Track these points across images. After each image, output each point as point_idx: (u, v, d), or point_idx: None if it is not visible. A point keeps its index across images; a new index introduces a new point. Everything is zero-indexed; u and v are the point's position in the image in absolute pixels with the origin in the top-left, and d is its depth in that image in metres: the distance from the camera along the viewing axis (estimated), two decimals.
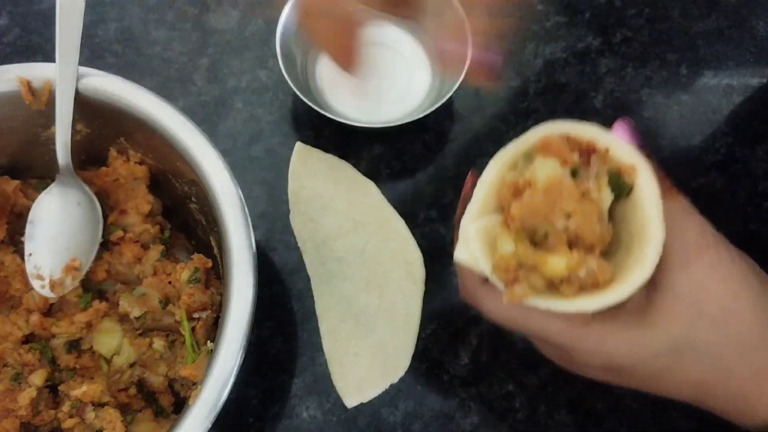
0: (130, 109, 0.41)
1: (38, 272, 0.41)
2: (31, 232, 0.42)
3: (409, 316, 0.47)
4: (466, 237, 0.29)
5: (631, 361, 0.29)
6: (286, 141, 0.53)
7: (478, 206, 0.30)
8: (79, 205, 0.43)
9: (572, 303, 0.28)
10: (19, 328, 0.42)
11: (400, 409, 0.45)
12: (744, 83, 0.55)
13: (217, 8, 0.57)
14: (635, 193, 0.28)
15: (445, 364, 0.46)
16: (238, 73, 0.55)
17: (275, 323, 0.47)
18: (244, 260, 0.37)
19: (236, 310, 0.36)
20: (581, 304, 0.27)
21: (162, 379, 0.43)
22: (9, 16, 0.57)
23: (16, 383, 0.40)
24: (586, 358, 0.30)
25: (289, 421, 0.45)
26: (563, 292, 0.28)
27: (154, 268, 0.43)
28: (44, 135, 0.44)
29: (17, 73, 0.41)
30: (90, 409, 0.40)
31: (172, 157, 0.41)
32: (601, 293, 0.27)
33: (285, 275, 0.49)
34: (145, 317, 0.43)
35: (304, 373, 0.46)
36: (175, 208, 0.47)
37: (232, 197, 0.38)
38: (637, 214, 0.28)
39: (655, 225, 0.27)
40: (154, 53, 0.56)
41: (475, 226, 0.29)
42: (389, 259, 0.48)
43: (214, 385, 0.34)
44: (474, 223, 0.29)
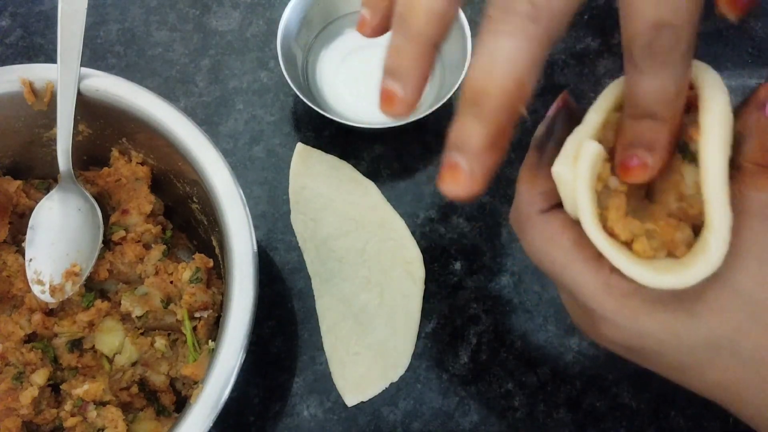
0: (132, 109, 0.41)
1: (38, 277, 0.42)
2: (32, 238, 0.42)
3: (408, 315, 0.47)
4: (575, 154, 0.26)
5: (662, 347, 0.27)
6: (286, 141, 0.53)
7: (591, 130, 0.27)
8: (79, 211, 0.43)
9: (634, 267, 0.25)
10: (21, 328, 0.42)
11: (400, 408, 0.45)
12: (742, 84, 0.55)
13: (219, 9, 0.58)
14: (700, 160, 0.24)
15: (444, 362, 0.46)
16: (239, 74, 0.55)
17: (276, 322, 0.48)
18: (246, 260, 0.37)
19: (237, 309, 0.36)
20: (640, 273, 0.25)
21: (163, 378, 0.43)
22: (11, 17, 0.57)
23: (18, 382, 0.41)
24: (613, 331, 0.27)
25: (290, 419, 0.45)
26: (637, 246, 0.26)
27: (155, 268, 0.43)
28: (46, 135, 0.44)
29: (19, 74, 0.41)
30: (92, 408, 0.40)
31: (173, 158, 0.41)
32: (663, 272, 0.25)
33: (286, 275, 0.49)
34: (146, 316, 0.43)
35: (305, 372, 0.46)
36: (176, 209, 0.47)
37: (233, 197, 0.38)
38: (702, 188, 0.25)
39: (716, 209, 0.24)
40: (155, 54, 0.56)
41: (593, 145, 0.26)
42: (389, 258, 0.49)
43: (216, 384, 0.34)
44: (590, 142, 0.26)
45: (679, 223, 0.26)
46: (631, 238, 0.26)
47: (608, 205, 0.27)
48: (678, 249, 0.26)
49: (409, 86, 0.25)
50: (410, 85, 0.25)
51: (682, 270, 0.25)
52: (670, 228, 0.26)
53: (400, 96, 0.25)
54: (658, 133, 0.25)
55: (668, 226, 0.26)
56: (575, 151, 0.26)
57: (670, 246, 0.26)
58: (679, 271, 0.25)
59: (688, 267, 0.25)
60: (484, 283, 0.49)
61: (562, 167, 0.26)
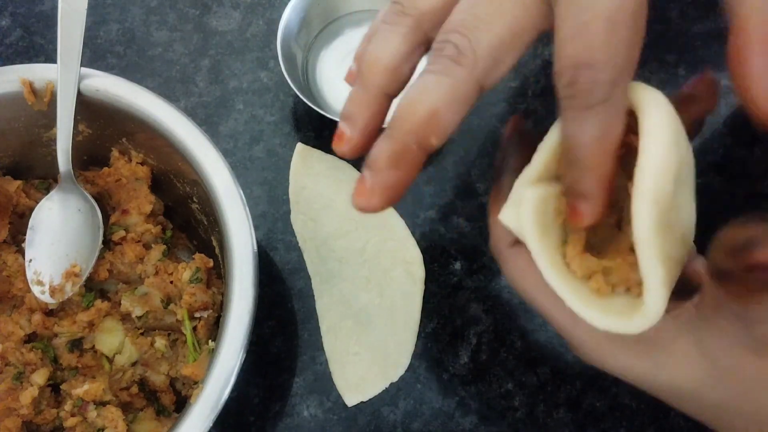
0: (132, 109, 0.41)
1: (38, 278, 0.42)
2: (32, 238, 0.42)
3: (408, 315, 0.47)
4: (519, 200, 0.26)
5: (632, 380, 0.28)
6: (287, 141, 0.53)
7: (536, 171, 0.27)
8: (79, 212, 0.43)
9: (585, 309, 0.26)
10: (21, 328, 0.42)
11: (400, 408, 0.45)
12: None
13: (219, 9, 0.58)
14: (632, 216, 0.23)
15: (444, 362, 0.46)
16: (240, 74, 0.55)
17: (276, 322, 0.48)
18: (246, 260, 0.37)
19: (237, 309, 0.36)
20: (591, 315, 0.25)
21: (164, 378, 0.43)
22: (11, 17, 0.57)
23: (18, 382, 0.41)
24: (586, 358, 0.29)
25: (290, 419, 0.45)
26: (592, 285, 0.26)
27: (155, 268, 0.43)
28: (46, 135, 0.44)
29: (19, 74, 0.41)
30: (92, 408, 0.40)
31: (173, 158, 0.41)
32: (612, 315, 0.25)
33: (286, 275, 0.49)
34: (146, 316, 0.43)
35: (305, 372, 0.46)
36: (176, 208, 0.47)
37: (233, 197, 0.38)
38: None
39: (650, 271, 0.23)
40: (155, 54, 0.56)
41: (532, 192, 0.26)
42: (389, 258, 0.49)
43: (216, 384, 0.34)
44: (531, 189, 0.26)
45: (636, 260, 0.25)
46: (589, 275, 0.26)
47: (569, 238, 0.27)
48: (634, 288, 0.26)
49: (357, 129, 0.27)
50: (358, 128, 0.27)
51: (629, 317, 0.25)
52: (625, 266, 0.26)
53: (347, 135, 0.27)
54: (586, 183, 0.24)
55: (624, 264, 0.26)
56: (518, 198, 0.27)
57: (626, 283, 0.26)
58: (627, 317, 0.25)
59: (631, 316, 0.25)
60: (484, 283, 0.49)
61: (506, 216, 0.27)
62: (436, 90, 0.24)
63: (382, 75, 0.27)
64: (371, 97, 0.27)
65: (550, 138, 0.27)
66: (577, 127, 0.23)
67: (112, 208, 0.46)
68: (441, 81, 0.24)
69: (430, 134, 0.25)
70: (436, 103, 0.24)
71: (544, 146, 0.27)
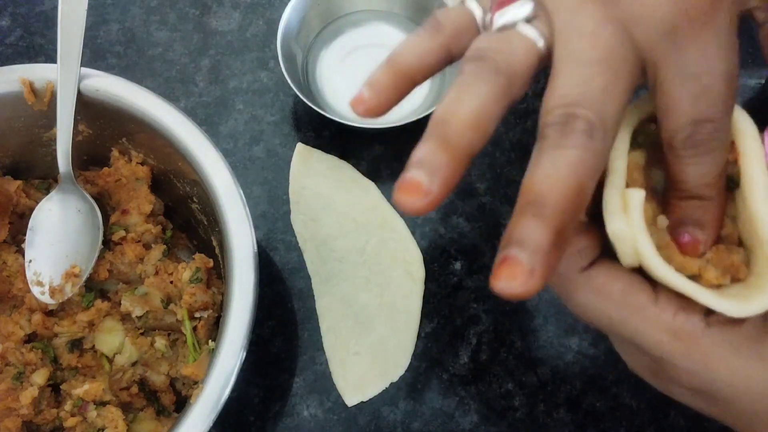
0: (132, 109, 0.41)
1: (38, 279, 0.42)
2: (32, 239, 0.42)
3: (408, 315, 0.47)
4: (627, 205, 0.26)
5: (733, 391, 0.25)
6: (287, 141, 0.53)
7: (623, 177, 0.26)
8: (79, 213, 0.43)
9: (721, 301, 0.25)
10: (21, 328, 0.42)
11: (400, 408, 0.45)
12: (742, 84, 0.55)
13: (219, 10, 0.58)
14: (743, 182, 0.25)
15: (444, 362, 0.46)
16: (239, 74, 0.55)
17: (276, 322, 0.48)
18: (246, 260, 0.37)
19: (237, 309, 0.36)
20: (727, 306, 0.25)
21: (164, 378, 0.43)
22: (11, 17, 0.57)
23: (18, 382, 0.41)
24: (682, 376, 0.26)
25: (290, 419, 0.45)
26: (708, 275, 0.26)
27: (155, 268, 0.43)
28: (46, 135, 0.44)
29: (19, 74, 0.41)
30: (92, 408, 0.40)
31: (173, 158, 0.41)
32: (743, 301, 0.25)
33: (286, 275, 0.49)
34: (146, 316, 0.43)
35: (305, 372, 0.46)
36: (176, 208, 0.47)
37: (233, 197, 0.38)
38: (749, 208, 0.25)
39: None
40: (155, 54, 0.56)
41: (638, 194, 0.25)
42: (389, 258, 0.49)
43: (216, 384, 0.34)
44: (634, 192, 0.26)
45: (728, 246, 0.26)
46: (697, 272, 0.26)
47: (660, 244, 0.26)
48: (739, 271, 0.26)
49: (437, 185, 0.23)
50: (438, 184, 0.23)
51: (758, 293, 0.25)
52: (723, 253, 0.26)
53: (425, 189, 0.23)
54: (706, 212, 0.26)
55: (721, 251, 0.26)
56: (621, 204, 0.26)
57: (731, 270, 0.26)
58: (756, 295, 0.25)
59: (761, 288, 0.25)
60: (484, 283, 0.49)
61: (617, 224, 0.26)
62: (580, 166, 0.23)
63: (473, 132, 0.24)
64: (459, 153, 0.24)
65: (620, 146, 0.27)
66: (699, 169, 0.25)
67: (112, 208, 0.46)
68: (582, 156, 0.23)
69: (580, 211, 0.23)
70: (583, 178, 0.23)
71: (619, 153, 0.27)
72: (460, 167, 0.24)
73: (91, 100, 0.41)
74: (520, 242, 0.23)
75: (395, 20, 0.55)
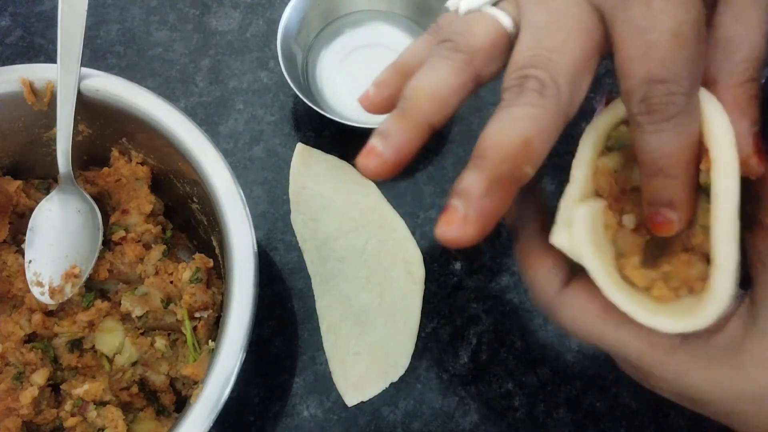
0: (132, 109, 0.41)
1: (38, 279, 0.42)
2: (31, 239, 0.42)
3: (408, 315, 0.47)
4: (569, 221, 0.27)
5: (710, 397, 0.27)
6: (287, 141, 0.53)
7: (581, 188, 0.27)
8: (79, 213, 0.43)
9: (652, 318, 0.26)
10: (21, 328, 0.42)
11: (400, 408, 0.45)
12: None
13: (219, 9, 0.58)
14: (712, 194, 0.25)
15: (444, 362, 0.46)
16: (240, 74, 0.55)
17: (276, 322, 0.48)
18: (246, 260, 0.37)
19: (237, 309, 0.36)
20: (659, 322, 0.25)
21: (163, 378, 0.43)
22: (11, 17, 0.57)
23: (18, 382, 0.41)
24: (661, 384, 0.28)
25: (289, 419, 0.45)
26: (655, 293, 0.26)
27: (155, 268, 0.43)
28: (46, 135, 0.44)
29: (19, 73, 0.41)
30: (92, 408, 0.40)
31: (173, 158, 0.41)
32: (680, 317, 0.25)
33: (286, 275, 0.49)
34: (146, 316, 0.43)
35: (305, 372, 0.46)
36: (176, 208, 0.47)
37: (233, 197, 0.38)
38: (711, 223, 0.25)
39: (723, 245, 0.24)
40: (155, 54, 0.56)
41: (584, 209, 0.26)
42: (389, 258, 0.49)
43: (216, 384, 0.34)
44: (581, 206, 0.26)
45: (691, 258, 0.26)
46: (649, 285, 0.26)
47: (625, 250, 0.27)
48: (695, 284, 0.26)
49: (391, 147, 0.26)
50: (392, 146, 0.26)
51: (697, 310, 0.25)
52: (683, 266, 0.26)
53: (379, 150, 0.26)
54: (673, 190, 0.25)
55: (680, 263, 0.26)
56: (568, 219, 0.26)
57: (687, 283, 0.26)
58: (695, 312, 0.25)
59: (702, 306, 0.25)
60: (484, 283, 0.49)
61: (559, 238, 0.27)
62: (527, 120, 0.24)
63: (430, 103, 0.26)
64: (414, 122, 0.26)
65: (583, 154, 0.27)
66: (659, 140, 0.24)
67: (112, 208, 0.46)
68: (530, 112, 0.24)
69: (524, 163, 0.24)
70: (529, 132, 0.24)
71: (581, 162, 0.27)
72: (416, 135, 0.26)
73: (91, 100, 0.41)
74: (458, 192, 0.25)
75: (395, 20, 0.55)
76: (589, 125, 0.28)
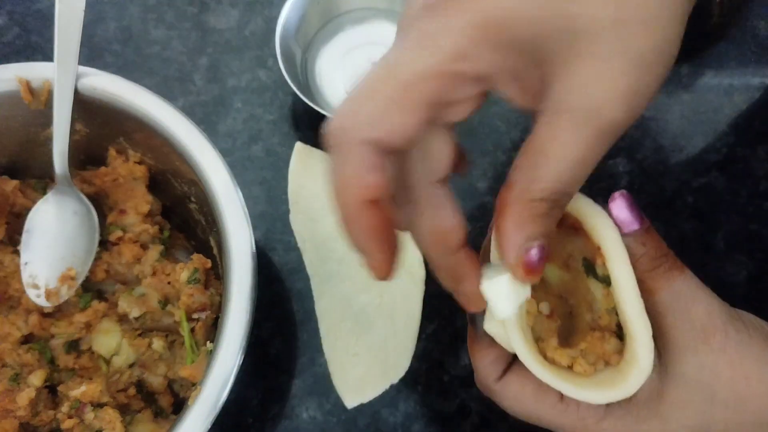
0: (130, 108, 0.41)
1: (34, 281, 0.41)
2: (27, 241, 0.42)
3: (409, 316, 0.47)
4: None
5: None
6: (285, 141, 0.53)
7: None
8: (75, 215, 0.43)
9: (582, 392, 0.28)
10: (18, 329, 0.42)
11: (400, 410, 0.45)
12: (745, 83, 0.55)
13: (217, 7, 0.57)
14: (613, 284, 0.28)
15: (445, 364, 0.46)
16: (238, 73, 0.55)
17: (275, 323, 0.47)
18: (244, 260, 0.37)
19: (236, 310, 0.36)
20: (589, 395, 0.28)
21: (161, 380, 0.43)
22: (8, 15, 0.57)
23: (15, 384, 0.40)
24: None
25: (288, 421, 0.45)
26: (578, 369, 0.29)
27: (153, 269, 0.43)
28: (43, 135, 0.44)
29: (16, 72, 0.41)
30: (89, 410, 0.40)
31: (171, 157, 0.41)
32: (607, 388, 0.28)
33: (285, 275, 0.49)
34: (144, 317, 0.43)
35: (304, 374, 0.46)
36: (174, 208, 0.47)
37: (231, 197, 0.38)
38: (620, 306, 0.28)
39: (638, 324, 0.27)
40: (153, 52, 0.56)
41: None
42: None
43: (214, 386, 0.34)
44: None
45: (603, 335, 0.29)
46: (571, 362, 0.29)
47: (543, 335, 0.30)
48: (611, 358, 0.29)
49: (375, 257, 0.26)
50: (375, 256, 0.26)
51: (621, 381, 0.28)
52: (597, 342, 0.29)
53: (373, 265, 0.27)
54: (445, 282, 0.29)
55: (594, 340, 0.29)
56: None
57: (603, 357, 0.29)
58: (619, 383, 0.28)
59: (625, 378, 0.28)
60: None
61: (492, 327, 0.30)
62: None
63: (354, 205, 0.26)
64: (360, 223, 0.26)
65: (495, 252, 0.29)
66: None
67: (110, 207, 0.46)
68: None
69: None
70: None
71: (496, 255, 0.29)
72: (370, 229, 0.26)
73: (88, 98, 0.41)
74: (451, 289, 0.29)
75: (395, 18, 0.55)
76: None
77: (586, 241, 0.29)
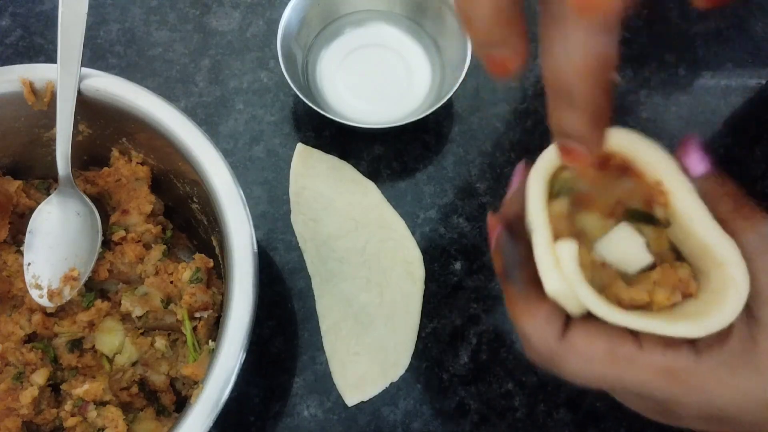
0: (132, 109, 0.41)
1: (37, 282, 0.41)
2: (30, 242, 0.42)
3: (409, 315, 0.47)
4: (554, 263, 0.26)
5: (737, 408, 0.25)
6: (287, 141, 0.53)
7: (548, 234, 0.26)
8: (78, 215, 0.43)
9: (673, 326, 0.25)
10: (22, 328, 0.42)
11: (400, 408, 0.45)
12: (742, 84, 0.55)
13: (219, 10, 0.58)
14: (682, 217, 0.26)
15: (444, 362, 0.46)
16: (240, 74, 0.55)
17: (276, 322, 0.48)
18: (246, 260, 0.37)
19: (237, 309, 0.36)
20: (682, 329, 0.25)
21: (164, 378, 0.43)
22: (11, 17, 0.57)
23: (19, 382, 0.41)
24: (689, 410, 0.26)
25: (290, 419, 0.45)
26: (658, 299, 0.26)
27: (155, 268, 0.43)
28: (46, 135, 0.44)
29: (19, 73, 0.41)
30: (92, 408, 0.40)
31: (173, 158, 0.41)
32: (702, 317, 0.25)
33: (286, 275, 0.49)
34: (146, 317, 0.43)
35: (305, 372, 0.46)
36: (176, 208, 0.47)
37: (233, 197, 0.38)
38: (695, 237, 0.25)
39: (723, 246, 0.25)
40: (155, 54, 0.56)
41: (567, 246, 0.26)
42: (389, 258, 0.49)
43: (216, 384, 0.34)
44: (562, 244, 0.26)
45: (672, 263, 0.27)
46: (649, 297, 0.26)
47: (604, 283, 0.27)
48: (689, 285, 0.26)
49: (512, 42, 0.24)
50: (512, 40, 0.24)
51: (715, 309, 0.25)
52: (669, 270, 0.26)
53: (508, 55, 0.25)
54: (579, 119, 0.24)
55: (666, 269, 0.26)
56: (554, 261, 0.26)
57: (679, 287, 0.26)
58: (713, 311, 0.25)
59: (720, 304, 0.25)
60: (484, 283, 0.49)
61: (554, 284, 0.26)
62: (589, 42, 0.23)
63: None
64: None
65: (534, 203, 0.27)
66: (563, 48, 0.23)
67: (113, 208, 0.46)
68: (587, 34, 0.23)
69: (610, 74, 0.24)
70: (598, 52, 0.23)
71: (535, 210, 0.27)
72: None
73: (91, 100, 0.41)
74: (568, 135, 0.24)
75: (396, 20, 0.55)
76: (530, 176, 0.27)
77: (637, 182, 0.26)
